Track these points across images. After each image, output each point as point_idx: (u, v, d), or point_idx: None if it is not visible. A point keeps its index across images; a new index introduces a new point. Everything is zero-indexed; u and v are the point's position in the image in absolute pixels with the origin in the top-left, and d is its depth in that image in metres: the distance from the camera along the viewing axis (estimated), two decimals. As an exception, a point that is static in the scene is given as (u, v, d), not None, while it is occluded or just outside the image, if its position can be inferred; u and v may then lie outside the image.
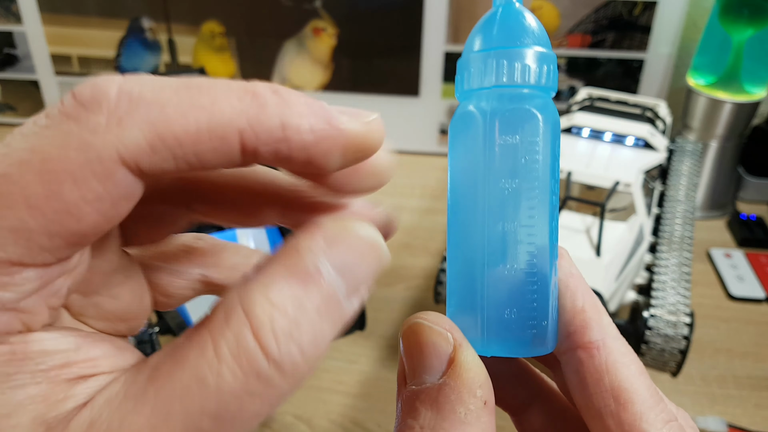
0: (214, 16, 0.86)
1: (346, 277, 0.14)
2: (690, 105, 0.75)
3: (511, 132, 0.16)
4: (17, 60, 0.91)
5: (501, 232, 0.17)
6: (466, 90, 0.17)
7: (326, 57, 0.86)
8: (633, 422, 0.17)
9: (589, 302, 0.19)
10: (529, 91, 0.16)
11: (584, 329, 0.18)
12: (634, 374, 0.18)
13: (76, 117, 0.13)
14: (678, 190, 0.59)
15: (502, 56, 0.16)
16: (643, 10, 0.79)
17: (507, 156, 0.16)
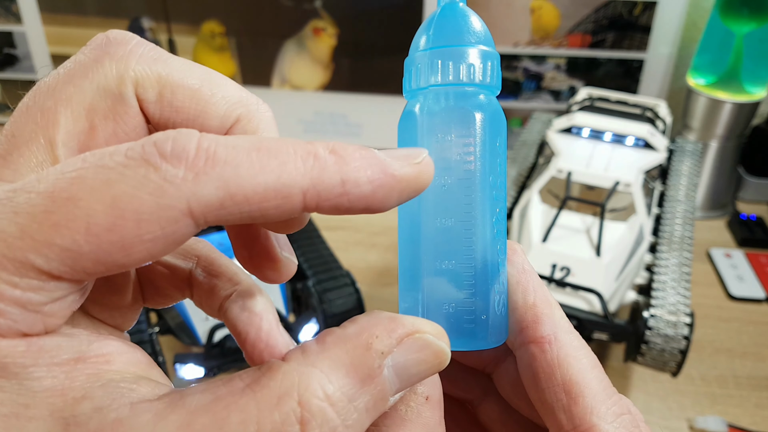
0: (214, 16, 0.86)
1: (402, 378, 0.15)
2: (690, 105, 0.75)
3: (446, 130, 0.16)
4: (17, 60, 0.91)
5: (439, 228, 0.17)
6: (411, 89, 0.17)
7: (326, 57, 0.86)
8: (584, 416, 0.17)
9: (541, 297, 0.19)
10: (472, 90, 0.17)
11: (536, 324, 0.18)
12: (585, 368, 0.18)
13: (155, 165, 0.13)
14: (678, 190, 0.59)
15: (441, 56, 0.16)
16: (643, 10, 0.79)
17: (443, 153, 0.17)
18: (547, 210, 0.52)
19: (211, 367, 0.49)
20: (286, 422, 0.13)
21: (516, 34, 0.82)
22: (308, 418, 0.14)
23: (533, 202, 0.52)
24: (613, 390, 0.18)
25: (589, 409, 0.17)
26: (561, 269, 0.46)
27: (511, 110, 0.88)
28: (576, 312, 0.45)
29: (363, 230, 0.75)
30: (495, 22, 0.82)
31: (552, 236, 0.49)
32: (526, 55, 0.84)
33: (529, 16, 0.81)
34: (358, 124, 0.91)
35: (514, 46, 0.83)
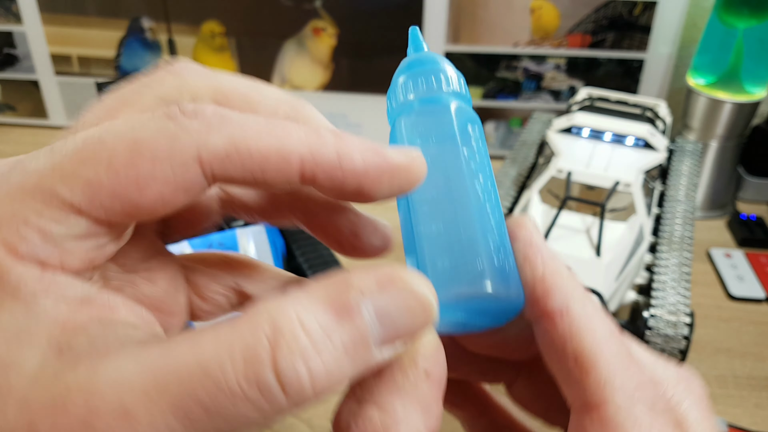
0: (214, 16, 0.86)
1: (385, 325, 0.15)
2: (690, 105, 0.75)
3: (424, 120, 0.19)
4: (17, 60, 0.91)
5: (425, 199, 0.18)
6: (393, 110, 0.20)
7: (326, 57, 0.86)
8: (596, 390, 0.16)
9: (550, 269, 0.18)
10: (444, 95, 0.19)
11: (546, 297, 0.18)
12: (599, 338, 0.17)
13: (174, 118, 0.15)
14: (678, 190, 0.59)
15: (414, 76, 0.19)
16: (643, 10, 0.79)
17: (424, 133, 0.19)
18: (547, 210, 0.52)
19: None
20: (257, 343, 0.13)
21: (516, 34, 0.82)
22: (279, 339, 0.13)
23: (533, 202, 0.52)
24: (632, 360, 0.17)
25: (603, 382, 0.16)
26: (561, 269, 0.46)
27: (511, 110, 0.88)
28: (576, 312, 0.45)
29: (363, 230, 0.75)
30: (495, 22, 0.82)
31: (552, 236, 0.49)
32: (526, 55, 0.84)
33: (529, 16, 0.81)
34: (358, 124, 0.91)
35: (514, 46, 0.83)
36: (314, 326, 0.14)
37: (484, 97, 0.87)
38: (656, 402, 0.17)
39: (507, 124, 0.89)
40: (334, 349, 0.14)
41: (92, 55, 0.90)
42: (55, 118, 0.95)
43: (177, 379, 0.13)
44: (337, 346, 0.14)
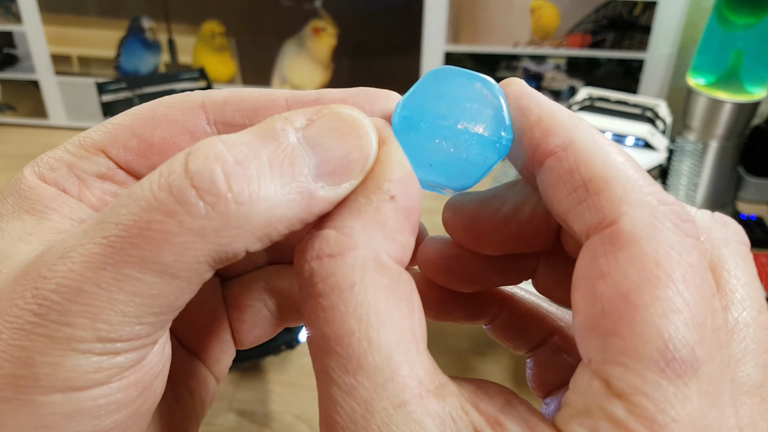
0: (214, 16, 0.86)
1: (318, 153, 0.14)
2: (690, 105, 0.75)
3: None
4: (17, 60, 0.91)
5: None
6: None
7: (326, 57, 0.86)
8: (610, 206, 0.14)
9: (546, 111, 0.16)
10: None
11: (546, 138, 0.16)
12: (611, 160, 0.15)
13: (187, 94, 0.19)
14: (678, 190, 0.59)
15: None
16: (643, 10, 0.79)
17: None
18: (547, 210, 0.52)
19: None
20: (174, 160, 0.13)
21: (516, 34, 0.82)
22: (194, 151, 0.13)
23: (533, 202, 0.52)
24: (653, 182, 0.15)
25: (618, 198, 0.14)
26: (561, 269, 0.46)
27: (511, 110, 0.88)
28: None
29: (363, 230, 0.75)
30: (495, 22, 0.82)
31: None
32: (526, 55, 0.84)
33: (529, 16, 0.81)
34: (358, 124, 0.90)
35: (514, 46, 0.83)
36: (235, 141, 0.13)
37: (484, 97, 0.87)
38: (683, 223, 0.14)
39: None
40: (258, 162, 0.13)
41: (92, 55, 0.90)
42: (55, 118, 0.95)
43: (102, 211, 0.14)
44: (261, 160, 0.13)
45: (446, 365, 0.58)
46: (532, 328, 0.21)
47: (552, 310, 0.21)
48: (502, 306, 0.21)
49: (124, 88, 0.61)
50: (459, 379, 0.15)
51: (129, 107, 0.54)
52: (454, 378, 0.14)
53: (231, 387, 0.53)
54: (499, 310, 0.21)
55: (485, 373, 0.56)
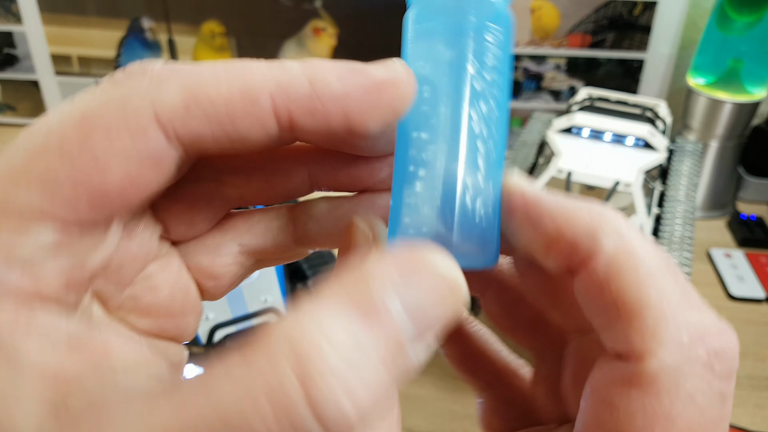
0: (214, 16, 0.86)
1: (417, 320, 0.12)
2: (690, 105, 0.75)
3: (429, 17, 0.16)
4: (17, 60, 0.91)
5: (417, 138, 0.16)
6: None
7: (326, 57, 0.86)
8: (641, 342, 0.13)
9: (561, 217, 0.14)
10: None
11: (571, 250, 0.14)
12: (645, 275, 0.13)
13: (121, 82, 0.14)
14: (678, 190, 0.59)
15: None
16: (643, 10, 0.79)
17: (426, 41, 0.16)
18: (547, 210, 0.52)
19: (211, 367, 0.49)
20: (283, 380, 0.11)
21: (516, 34, 0.82)
22: (307, 368, 0.11)
23: (533, 202, 0.52)
24: (694, 303, 0.14)
25: (650, 331, 0.13)
26: (561, 269, 0.46)
27: (511, 110, 0.88)
28: (576, 312, 0.45)
29: (363, 230, 0.75)
30: None
31: (552, 236, 0.49)
32: (526, 55, 0.84)
33: (529, 16, 0.81)
34: (358, 124, 0.90)
35: (514, 46, 0.83)
36: (343, 340, 0.11)
37: (484, 97, 0.87)
38: (716, 363, 0.13)
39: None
40: (371, 362, 0.11)
41: (92, 55, 0.90)
42: (55, 118, 0.95)
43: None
44: (373, 359, 0.11)
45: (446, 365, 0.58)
46: (482, 367, 0.20)
47: (502, 355, 0.21)
48: (459, 336, 0.21)
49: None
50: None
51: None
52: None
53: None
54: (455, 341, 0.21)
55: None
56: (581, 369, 0.16)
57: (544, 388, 0.18)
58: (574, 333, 0.17)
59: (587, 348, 0.16)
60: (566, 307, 0.17)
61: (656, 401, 0.13)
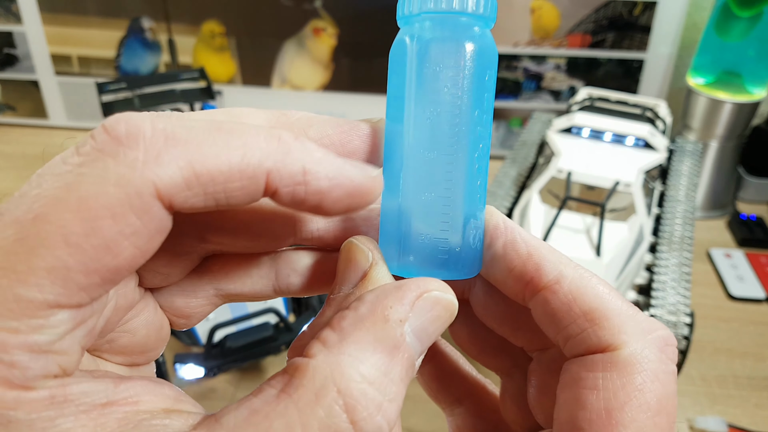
0: (214, 16, 0.86)
1: (422, 340, 0.16)
2: (690, 105, 0.75)
3: (435, 60, 0.16)
4: (17, 60, 0.91)
5: (422, 160, 0.17)
6: (404, 15, 0.17)
7: (326, 57, 0.86)
8: (611, 336, 0.17)
9: (533, 245, 0.18)
10: (466, 20, 0.16)
11: (539, 272, 0.18)
12: (603, 293, 0.17)
13: (112, 153, 0.13)
14: (678, 190, 0.59)
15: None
16: (643, 10, 0.79)
17: (431, 85, 0.16)
18: (547, 210, 0.52)
19: (211, 367, 0.49)
20: (331, 415, 0.13)
21: (516, 34, 0.82)
22: (353, 404, 0.14)
23: (533, 202, 0.52)
24: (638, 310, 0.18)
25: (617, 329, 0.17)
26: (561, 269, 0.46)
27: (511, 110, 0.88)
28: (576, 312, 0.45)
29: (363, 230, 0.75)
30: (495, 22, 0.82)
31: (552, 236, 0.49)
32: (526, 55, 0.84)
33: (529, 16, 0.81)
34: (358, 124, 0.90)
35: (514, 46, 0.83)
36: (376, 375, 0.14)
37: (484, 97, 0.87)
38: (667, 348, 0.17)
39: (507, 124, 0.89)
40: (396, 387, 0.14)
41: (92, 55, 0.90)
42: (55, 118, 0.95)
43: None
44: (396, 382, 0.15)
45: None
46: (454, 383, 0.23)
47: (470, 373, 0.23)
48: (433, 357, 0.23)
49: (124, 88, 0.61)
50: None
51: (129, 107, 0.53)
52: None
53: (231, 387, 0.53)
54: (429, 359, 0.23)
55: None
56: (546, 379, 0.19)
57: (512, 403, 0.21)
58: (535, 351, 0.20)
59: (548, 361, 0.19)
60: (525, 330, 0.20)
61: (632, 379, 0.16)
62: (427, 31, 0.16)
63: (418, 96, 0.16)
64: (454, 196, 0.17)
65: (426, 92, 0.16)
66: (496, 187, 0.59)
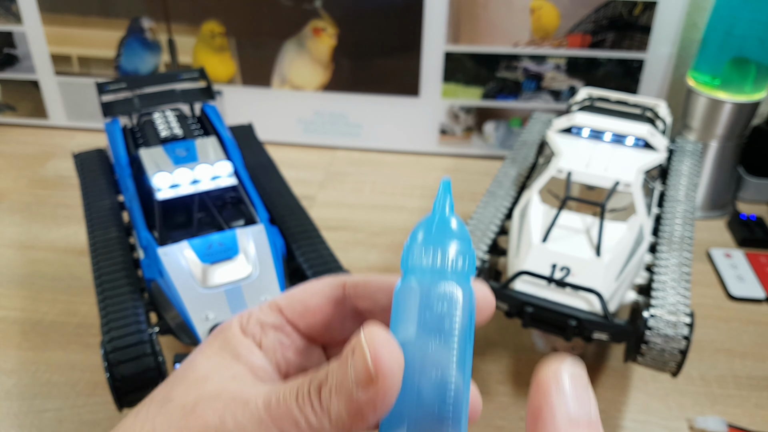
0: (214, 16, 0.86)
1: None
2: (690, 105, 0.75)
3: (437, 303, 0.20)
4: (17, 60, 0.91)
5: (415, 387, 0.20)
6: (411, 266, 0.21)
7: (326, 57, 0.86)
8: None
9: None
10: (452, 273, 0.21)
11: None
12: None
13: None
14: (678, 190, 0.59)
15: (436, 247, 0.21)
16: (643, 10, 0.79)
17: (428, 323, 0.20)
18: (547, 210, 0.52)
19: (211, 367, 0.49)
20: None
21: (516, 34, 0.82)
22: None
23: (533, 202, 0.52)
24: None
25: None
26: (561, 269, 0.46)
27: (511, 110, 0.88)
28: (576, 312, 0.45)
29: (363, 230, 0.75)
30: (495, 22, 0.82)
31: (552, 236, 0.49)
32: (526, 55, 0.84)
33: (529, 16, 0.81)
34: (358, 124, 0.90)
35: (514, 46, 0.83)
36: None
37: (484, 97, 0.87)
38: None
39: (507, 124, 0.89)
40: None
41: (92, 55, 0.90)
42: (55, 118, 0.95)
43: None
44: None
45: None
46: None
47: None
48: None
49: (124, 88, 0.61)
50: None
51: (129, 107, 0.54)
52: None
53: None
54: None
55: (485, 373, 0.56)
56: None
57: None
58: None
59: None
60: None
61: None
62: (431, 278, 0.21)
63: (424, 328, 0.20)
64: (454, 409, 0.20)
65: (423, 329, 0.20)
66: (496, 187, 0.59)
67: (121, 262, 0.49)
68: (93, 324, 0.61)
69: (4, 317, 0.62)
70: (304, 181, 0.84)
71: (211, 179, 0.50)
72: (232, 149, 0.56)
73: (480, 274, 0.49)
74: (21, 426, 0.51)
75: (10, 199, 0.80)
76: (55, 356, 0.57)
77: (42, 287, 0.65)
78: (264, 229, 0.50)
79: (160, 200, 0.48)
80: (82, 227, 0.72)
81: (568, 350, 0.55)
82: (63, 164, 0.87)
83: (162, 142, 0.55)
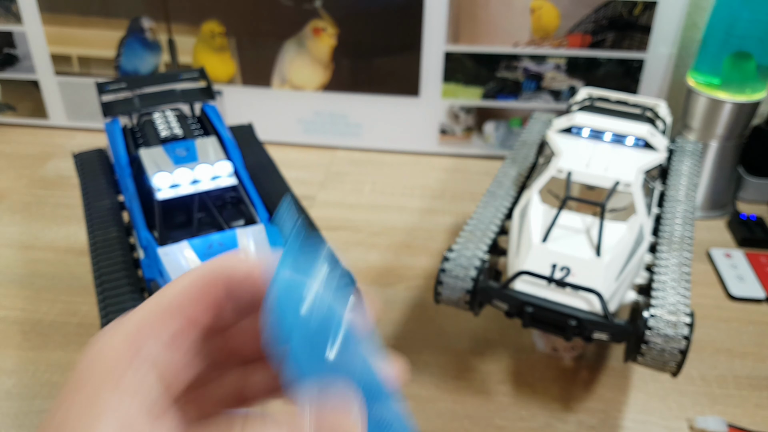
0: (214, 16, 0.86)
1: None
2: (690, 105, 0.75)
3: None
4: (17, 60, 0.91)
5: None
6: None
7: (326, 57, 0.86)
8: None
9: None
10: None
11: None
12: None
13: None
14: (678, 190, 0.59)
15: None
16: (643, 10, 0.79)
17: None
18: (547, 210, 0.52)
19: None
20: None
21: (516, 34, 0.82)
22: None
23: (533, 202, 0.52)
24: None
25: None
26: (561, 269, 0.46)
27: (511, 110, 0.88)
28: (576, 312, 0.45)
29: (363, 230, 0.75)
30: (495, 22, 0.82)
31: (552, 236, 0.49)
32: (526, 55, 0.84)
33: (529, 16, 0.81)
34: (358, 124, 0.90)
35: (514, 46, 0.83)
36: None
37: (484, 97, 0.87)
38: None
39: (507, 124, 0.89)
40: None
41: (92, 55, 0.90)
42: (55, 118, 0.95)
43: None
44: None
45: (446, 365, 0.58)
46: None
47: None
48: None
49: (124, 88, 0.61)
50: None
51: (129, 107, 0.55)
52: None
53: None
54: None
55: (485, 373, 0.56)
56: None
57: None
58: None
59: None
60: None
61: None
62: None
63: None
64: None
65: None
66: (496, 187, 0.59)
67: (121, 262, 0.49)
68: (93, 324, 0.61)
69: (4, 317, 0.62)
70: (304, 181, 0.84)
71: (211, 179, 0.50)
72: (232, 149, 0.56)
73: (480, 274, 0.49)
74: (21, 426, 0.51)
75: (10, 199, 0.80)
76: (55, 356, 0.57)
77: (42, 287, 0.65)
78: (264, 228, 0.50)
79: (160, 200, 0.48)
80: (82, 227, 0.72)
81: (568, 350, 0.55)
82: (63, 164, 0.87)
83: (162, 142, 0.55)
